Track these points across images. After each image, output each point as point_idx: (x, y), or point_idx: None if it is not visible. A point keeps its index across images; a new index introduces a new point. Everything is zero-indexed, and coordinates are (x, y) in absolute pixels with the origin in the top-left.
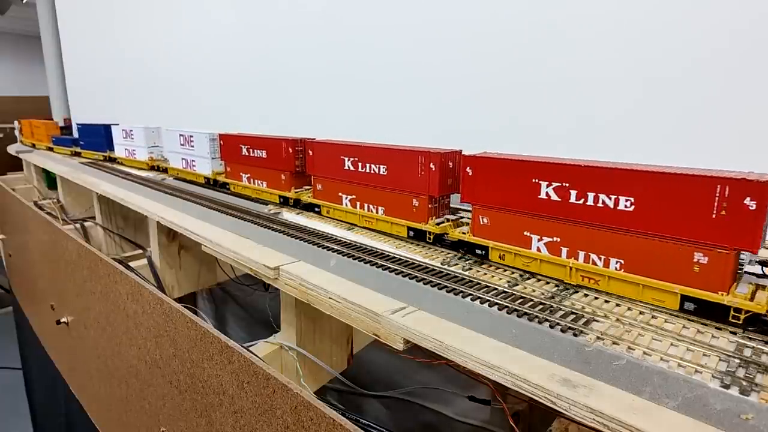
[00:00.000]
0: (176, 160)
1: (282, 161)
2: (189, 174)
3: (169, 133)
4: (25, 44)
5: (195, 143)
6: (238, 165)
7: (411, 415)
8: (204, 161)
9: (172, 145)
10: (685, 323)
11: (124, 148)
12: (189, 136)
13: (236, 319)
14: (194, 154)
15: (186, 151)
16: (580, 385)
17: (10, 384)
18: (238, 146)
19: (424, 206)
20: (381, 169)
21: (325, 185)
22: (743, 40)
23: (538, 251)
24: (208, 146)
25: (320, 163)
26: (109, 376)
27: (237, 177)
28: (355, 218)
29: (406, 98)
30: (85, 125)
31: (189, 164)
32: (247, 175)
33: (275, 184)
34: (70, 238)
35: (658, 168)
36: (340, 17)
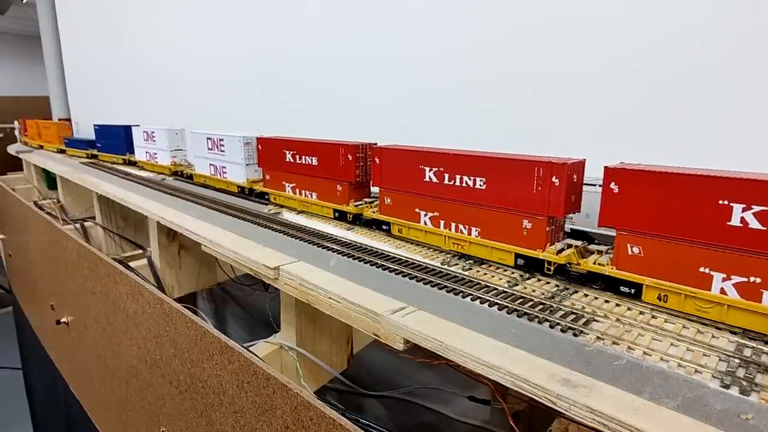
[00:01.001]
0: (203, 165)
1: (339, 170)
2: (219, 182)
3: (195, 137)
4: (25, 44)
5: (226, 147)
6: (280, 173)
7: (411, 415)
8: (237, 168)
9: (199, 150)
10: (685, 323)
11: (144, 151)
12: (219, 139)
13: (236, 319)
14: (225, 160)
15: (215, 157)
16: (580, 385)
17: (10, 384)
18: (281, 152)
19: (539, 229)
20: (477, 182)
21: (398, 200)
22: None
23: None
24: (242, 151)
25: (391, 173)
26: (109, 376)
27: (278, 186)
28: (438, 240)
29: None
30: (103, 126)
31: (219, 171)
32: (292, 185)
33: (329, 196)
34: (70, 238)
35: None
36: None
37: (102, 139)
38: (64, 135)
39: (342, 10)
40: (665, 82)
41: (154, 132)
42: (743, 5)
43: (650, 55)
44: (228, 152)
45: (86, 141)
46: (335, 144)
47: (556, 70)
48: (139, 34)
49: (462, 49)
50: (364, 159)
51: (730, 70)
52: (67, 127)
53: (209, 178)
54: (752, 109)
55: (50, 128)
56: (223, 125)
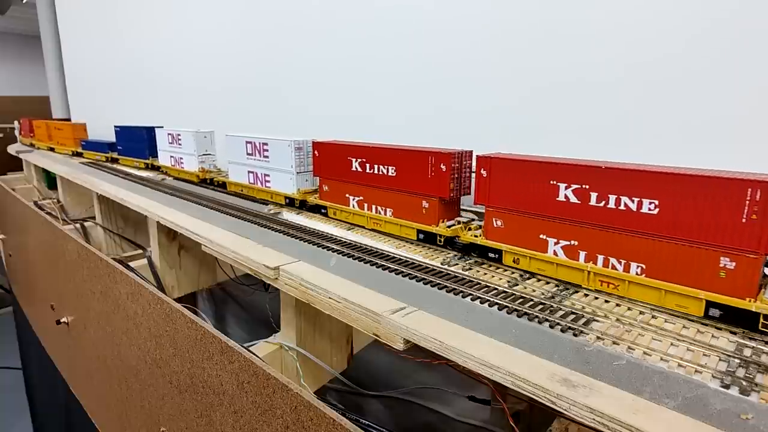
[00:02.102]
0: (239, 173)
1: (427, 183)
2: (261, 192)
3: (232, 141)
4: (25, 44)
5: (271, 153)
6: (343, 184)
7: (411, 415)
8: (284, 177)
9: (235, 155)
10: (685, 323)
11: (169, 155)
12: (261, 143)
13: (236, 319)
14: (269, 167)
15: (256, 163)
16: (580, 385)
17: (10, 384)
18: (345, 159)
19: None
20: (646, 205)
21: (514, 223)
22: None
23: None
24: (292, 157)
25: (504, 188)
26: (109, 376)
27: (340, 199)
28: (577, 276)
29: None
30: (124, 128)
31: (260, 179)
32: (358, 198)
33: (411, 214)
34: (70, 238)
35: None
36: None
37: (122, 141)
38: (79, 137)
39: (343, 9)
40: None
41: (180, 134)
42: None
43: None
44: (274, 158)
45: (106, 143)
46: (423, 151)
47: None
48: (140, 33)
49: (461, 48)
50: (459, 170)
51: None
52: (82, 128)
53: (248, 188)
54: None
55: (64, 129)
56: (223, 126)
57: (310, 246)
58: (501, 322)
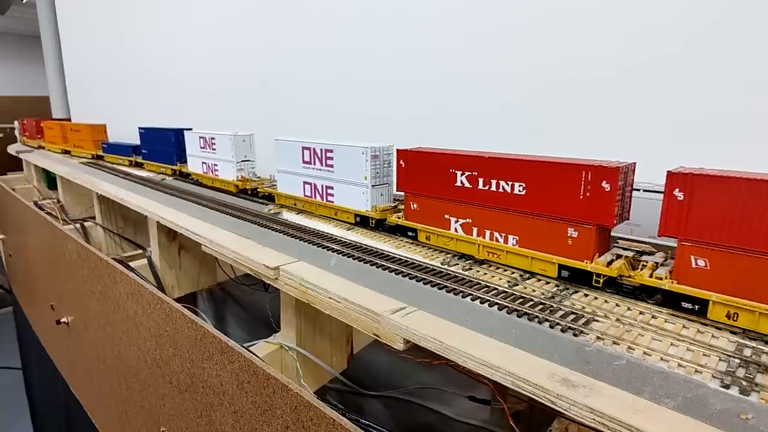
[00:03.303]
0: (292, 183)
1: (579, 205)
2: (321, 207)
3: (283, 146)
4: (25, 44)
5: (337, 162)
6: (441, 202)
7: (411, 415)
8: (354, 191)
9: (287, 162)
10: (685, 323)
11: (201, 161)
12: (325, 150)
13: (236, 319)
14: (334, 178)
15: (316, 173)
16: (580, 385)
17: (10, 384)
18: (445, 171)
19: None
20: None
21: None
22: None
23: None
24: (367, 167)
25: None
26: (109, 376)
27: (436, 221)
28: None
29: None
30: (149, 129)
31: (321, 192)
32: (464, 221)
33: (548, 244)
34: (70, 238)
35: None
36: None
37: (147, 144)
38: (99, 138)
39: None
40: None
41: (214, 138)
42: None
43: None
44: (340, 168)
45: (129, 146)
46: (573, 164)
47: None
48: (140, 33)
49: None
50: (623, 189)
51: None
52: (102, 129)
53: (303, 201)
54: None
55: (82, 131)
56: (224, 126)
57: (310, 246)
58: (501, 322)
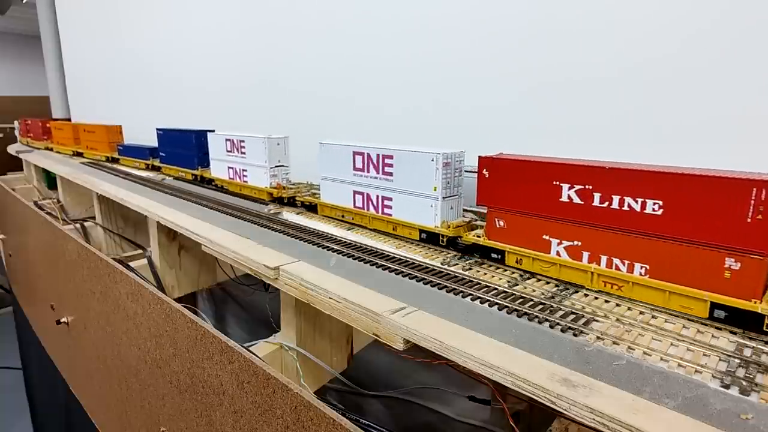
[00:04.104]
0: (339, 192)
1: (744, 230)
2: (376, 220)
3: (329, 151)
4: (25, 44)
5: (398, 169)
6: (539, 220)
7: (411, 415)
8: (420, 203)
9: (335, 169)
10: (685, 323)
11: (227, 165)
12: (382, 156)
13: (236, 319)
14: (394, 188)
15: (370, 182)
16: (580, 385)
17: (10, 384)
18: (545, 183)
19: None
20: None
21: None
22: None
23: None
24: (438, 176)
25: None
26: (109, 376)
27: (529, 241)
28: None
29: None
30: (167, 131)
31: (375, 204)
32: (570, 243)
33: (693, 277)
34: (70, 238)
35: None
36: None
37: (166, 146)
38: (115, 140)
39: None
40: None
41: (243, 140)
42: None
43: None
44: (401, 176)
45: (146, 148)
46: (735, 179)
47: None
48: (140, 33)
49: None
50: None
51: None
52: (117, 130)
53: (353, 213)
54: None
55: (96, 132)
56: (222, 126)
57: (310, 246)
58: (501, 322)
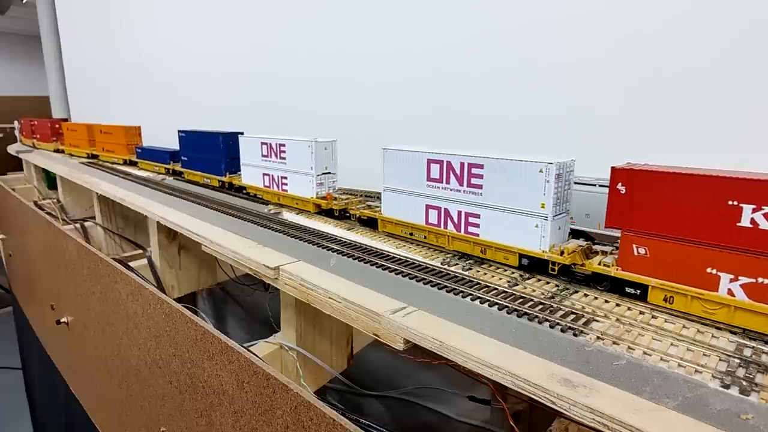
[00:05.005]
0: (407, 206)
1: None
2: (458, 240)
3: (396, 157)
4: (25, 44)
5: (490, 180)
6: (698, 248)
7: (411, 415)
8: (521, 223)
9: (402, 179)
10: (685, 323)
11: (261, 172)
12: (468, 164)
13: (236, 319)
14: (484, 203)
15: (452, 196)
16: (580, 385)
17: (10, 384)
18: (714, 201)
19: None
20: None
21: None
22: None
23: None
24: (548, 191)
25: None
26: (109, 376)
27: (685, 274)
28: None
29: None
30: (190, 133)
31: (456, 221)
32: (753, 281)
33: None
34: (70, 238)
35: None
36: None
37: (189, 150)
38: (133, 142)
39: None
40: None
41: (283, 145)
42: None
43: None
44: (495, 189)
45: (167, 152)
46: None
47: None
48: (140, 33)
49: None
50: None
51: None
52: (136, 131)
53: (426, 231)
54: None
55: (114, 133)
56: (226, 125)
57: (310, 246)
58: (501, 321)
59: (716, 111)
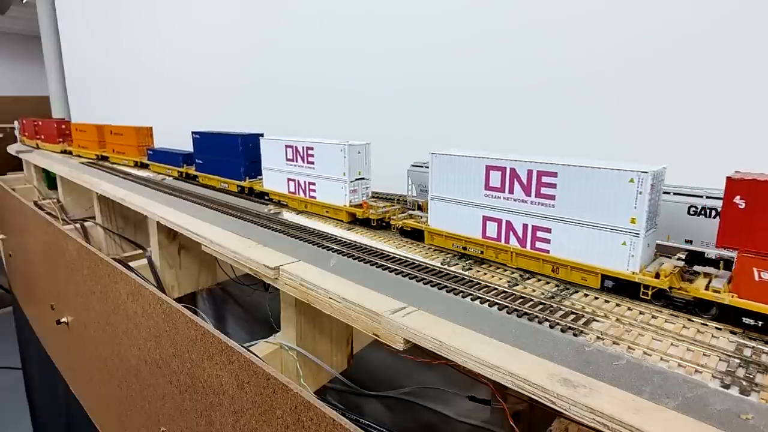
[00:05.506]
0: (460, 217)
1: None
2: (523, 257)
3: (447, 163)
4: (25, 44)
5: (567, 190)
6: None
7: (411, 415)
8: (607, 240)
9: (453, 187)
10: (685, 323)
11: (286, 177)
12: (538, 172)
13: (236, 319)
14: (556, 216)
15: (517, 207)
16: (580, 385)
17: (10, 384)
18: None
19: None
20: None
21: None
22: None
23: None
24: (642, 204)
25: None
26: (109, 376)
27: None
28: None
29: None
30: (205, 134)
31: (521, 236)
32: None
33: None
34: (70, 238)
35: None
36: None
37: (204, 152)
38: (145, 144)
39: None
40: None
41: (311, 148)
42: None
43: None
44: (571, 200)
45: (180, 154)
46: None
47: None
48: (141, 32)
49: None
50: None
51: None
52: (147, 132)
53: (486, 245)
54: None
55: (125, 134)
56: (230, 127)
57: (310, 246)
58: (501, 321)
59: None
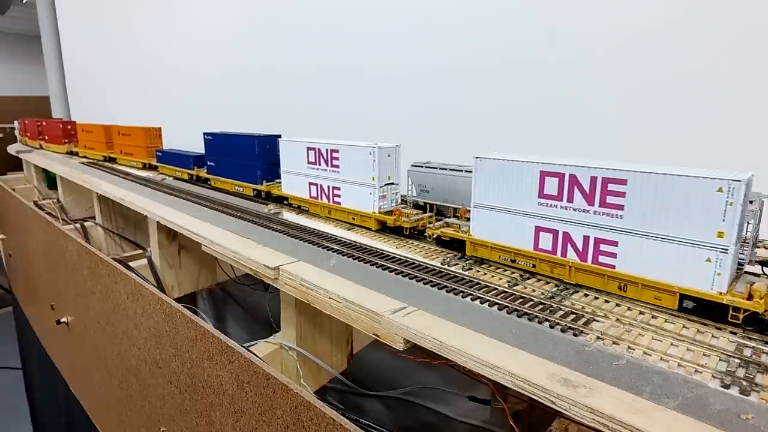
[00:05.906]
0: (508, 227)
1: None
2: (584, 273)
3: (493, 167)
4: (25, 44)
5: (637, 198)
6: None
7: (411, 415)
8: (687, 255)
9: (501, 194)
10: (685, 323)
11: (307, 181)
12: (603, 179)
13: (236, 319)
14: (624, 228)
15: (574, 217)
16: (580, 385)
17: (10, 384)
18: None
19: None
20: None
21: None
22: None
23: None
24: (732, 216)
25: None
26: (109, 376)
27: None
28: None
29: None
30: (218, 136)
31: (581, 249)
32: None
33: None
34: (70, 238)
35: None
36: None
37: (216, 154)
38: (154, 145)
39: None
40: None
41: (336, 150)
42: None
43: None
44: (644, 210)
45: (190, 156)
46: None
47: None
48: (140, 32)
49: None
50: None
51: None
52: (156, 133)
53: (545, 260)
54: None
55: (133, 135)
56: (230, 126)
57: (310, 246)
58: (501, 321)
59: None
